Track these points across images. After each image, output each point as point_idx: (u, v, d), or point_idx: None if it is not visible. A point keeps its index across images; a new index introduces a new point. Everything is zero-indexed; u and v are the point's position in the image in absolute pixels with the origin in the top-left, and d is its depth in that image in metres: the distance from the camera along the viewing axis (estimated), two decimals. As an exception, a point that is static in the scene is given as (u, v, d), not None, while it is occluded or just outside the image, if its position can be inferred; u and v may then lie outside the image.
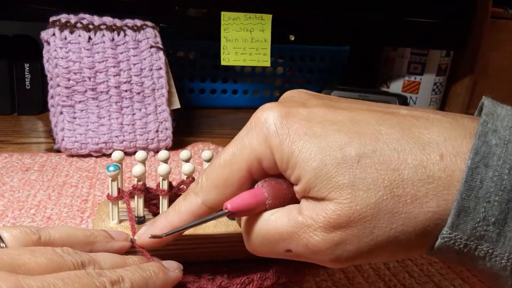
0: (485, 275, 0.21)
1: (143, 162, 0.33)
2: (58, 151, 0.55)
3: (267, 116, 0.24)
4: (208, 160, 0.33)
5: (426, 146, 0.20)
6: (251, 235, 0.25)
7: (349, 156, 0.21)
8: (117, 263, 0.26)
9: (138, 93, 0.56)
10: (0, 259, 0.21)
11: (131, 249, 0.30)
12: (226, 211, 0.24)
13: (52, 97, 0.54)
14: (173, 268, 0.27)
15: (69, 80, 0.53)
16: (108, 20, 0.55)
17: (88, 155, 0.55)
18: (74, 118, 0.54)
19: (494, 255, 0.20)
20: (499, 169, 0.19)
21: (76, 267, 0.23)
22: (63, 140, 0.53)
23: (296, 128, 0.23)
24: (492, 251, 0.20)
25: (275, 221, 0.23)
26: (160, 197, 0.32)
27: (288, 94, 0.27)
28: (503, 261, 0.20)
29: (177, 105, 0.59)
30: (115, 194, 0.31)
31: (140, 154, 0.33)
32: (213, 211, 0.25)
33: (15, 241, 0.24)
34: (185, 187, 0.32)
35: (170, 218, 0.27)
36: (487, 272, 0.21)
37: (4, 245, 0.24)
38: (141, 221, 0.32)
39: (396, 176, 0.20)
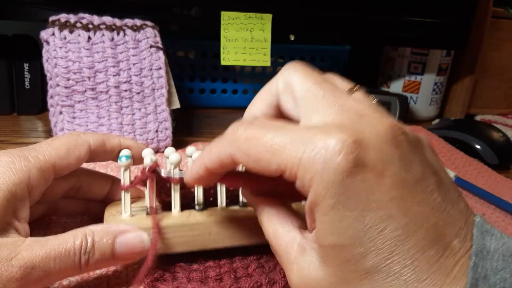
0: None
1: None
2: (58, 151, 0.55)
3: (337, 152, 0.20)
4: None
5: None
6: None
7: (363, 266, 0.20)
8: None
9: (138, 93, 0.55)
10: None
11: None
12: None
13: (51, 97, 0.54)
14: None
15: (68, 80, 0.53)
16: (107, 19, 0.55)
17: (88, 155, 0.54)
18: (74, 118, 0.54)
19: None
20: None
21: None
22: (62, 140, 0.53)
23: (350, 195, 0.20)
24: None
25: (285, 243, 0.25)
26: (172, 185, 0.31)
27: (384, 133, 0.21)
28: None
29: (177, 105, 0.59)
30: (127, 183, 0.31)
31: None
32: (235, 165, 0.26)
33: None
34: None
35: (204, 159, 0.27)
36: None
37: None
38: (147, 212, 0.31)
39: None
